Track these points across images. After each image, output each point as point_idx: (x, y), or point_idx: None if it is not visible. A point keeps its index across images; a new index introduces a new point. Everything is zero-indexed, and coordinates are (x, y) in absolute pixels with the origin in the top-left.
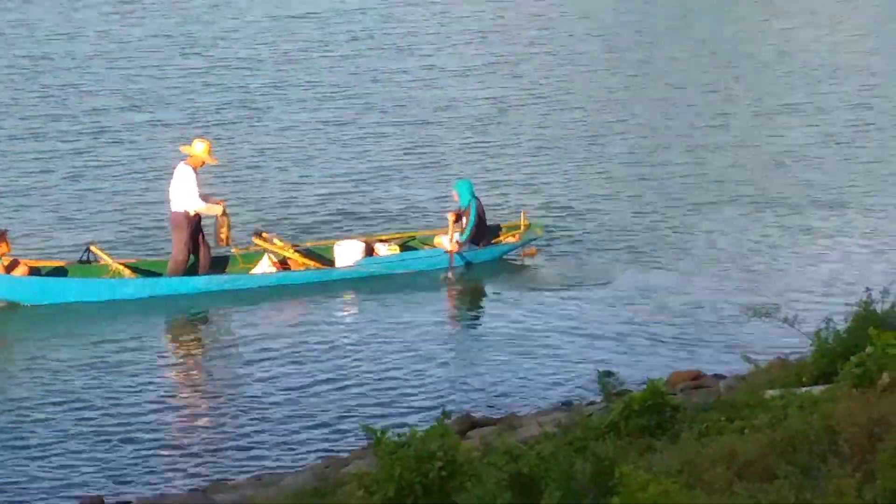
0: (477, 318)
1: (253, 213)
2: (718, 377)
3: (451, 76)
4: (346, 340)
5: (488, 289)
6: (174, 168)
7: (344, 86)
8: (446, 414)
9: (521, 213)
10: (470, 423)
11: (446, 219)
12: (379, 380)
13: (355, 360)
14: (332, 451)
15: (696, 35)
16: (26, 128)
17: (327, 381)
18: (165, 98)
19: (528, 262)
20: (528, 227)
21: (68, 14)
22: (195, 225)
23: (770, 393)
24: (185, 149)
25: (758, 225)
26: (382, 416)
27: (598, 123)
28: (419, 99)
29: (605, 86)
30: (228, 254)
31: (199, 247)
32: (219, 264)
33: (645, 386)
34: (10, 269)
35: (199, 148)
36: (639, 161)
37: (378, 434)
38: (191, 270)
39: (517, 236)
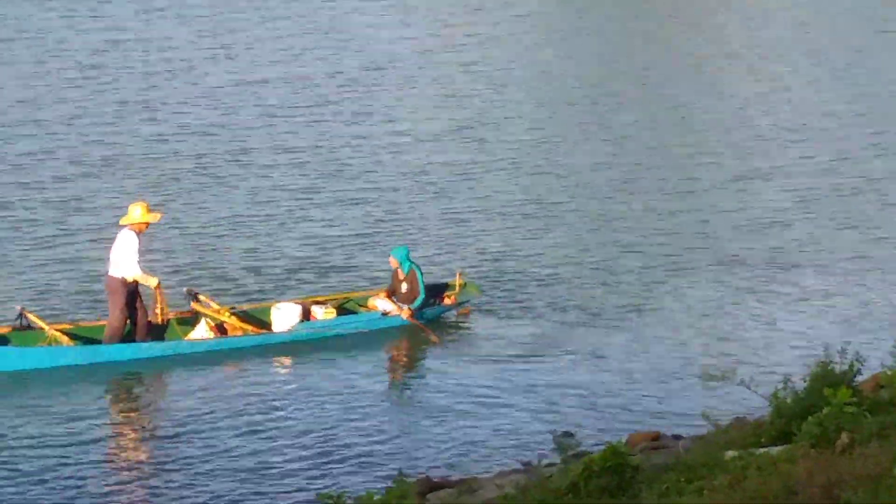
0: (423, 378)
1: (190, 272)
2: (677, 437)
3: (407, 142)
4: (290, 404)
5: (430, 350)
6: (117, 234)
7: (293, 149)
8: (402, 475)
9: (457, 274)
10: (429, 486)
11: (378, 281)
12: (329, 443)
13: (302, 422)
14: None
15: (660, 93)
16: None
17: (274, 445)
18: (112, 161)
19: (462, 321)
20: (464, 286)
21: (28, 81)
22: (132, 290)
23: (729, 454)
24: (124, 220)
25: (716, 285)
26: (336, 480)
27: (554, 185)
28: (364, 163)
29: (561, 147)
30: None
31: (136, 312)
32: (156, 329)
33: (604, 447)
34: None
35: (136, 213)
36: (597, 221)
37: (335, 499)
38: (128, 337)
39: (453, 298)
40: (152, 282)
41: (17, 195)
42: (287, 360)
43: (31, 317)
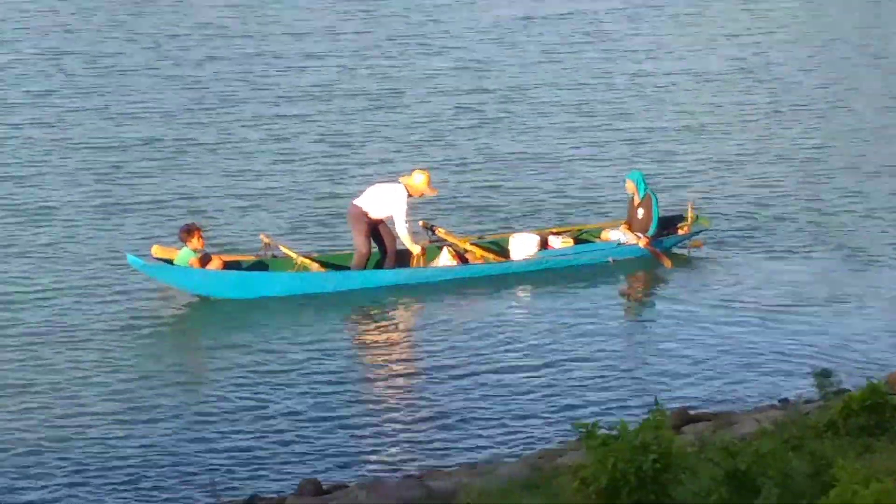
0: (665, 311)
1: (432, 205)
2: None
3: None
4: (539, 334)
5: (668, 282)
6: (380, 180)
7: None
8: (659, 405)
9: (688, 205)
10: (684, 418)
11: (607, 214)
12: (580, 373)
13: (554, 353)
14: (541, 442)
15: None
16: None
17: (529, 373)
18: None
19: (694, 253)
20: (696, 219)
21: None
22: (375, 221)
23: None
24: (403, 179)
25: None
26: (589, 409)
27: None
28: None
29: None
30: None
31: (383, 240)
32: (402, 258)
33: (863, 385)
34: (203, 263)
35: (418, 180)
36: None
37: (588, 427)
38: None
39: (686, 228)
40: (416, 248)
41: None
42: (528, 289)
43: (279, 246)
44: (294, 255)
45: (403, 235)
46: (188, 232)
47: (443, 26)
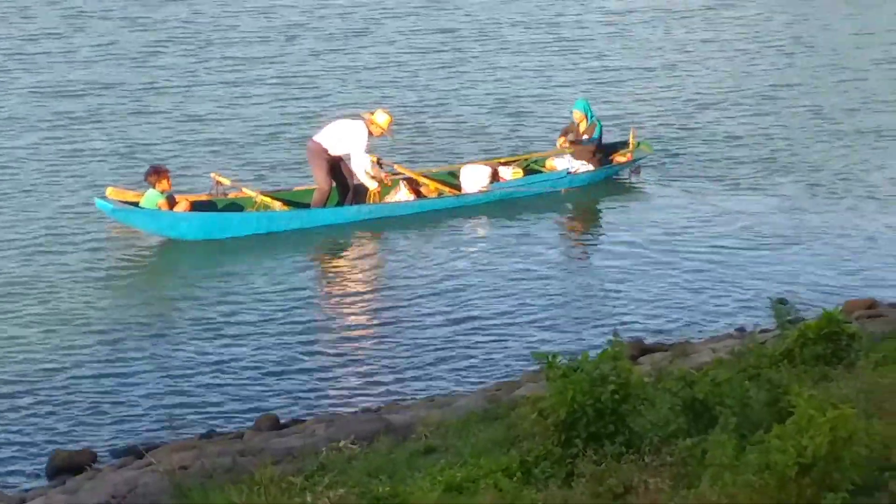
0: (621, 242)
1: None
2: (894, 306)
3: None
4: (495, 269)
5: (620, 214)
6: (340, 117)
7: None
8: (617, 336)
9: (630, 132)
10: (641, 349)
11: (554, 141)
12: (535, 306)
13: (509, 286)
14: (499, 374)
15: None
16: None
17: (485, 307)
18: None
19: (634, 180)
20: (637, 145)
21: None
22: (334, 158)
23: None
24: (366, 115)
25: None
26: (547, 340)
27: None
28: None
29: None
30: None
31: (343, 176)
32: (359, 193)
33: (819, 314)
34: (171, 205)
35: (381, 120)
36: (784, 79)
37: (549, 358)
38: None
39: (628, 156)
40: (372, 184)
41: (254, 71)
42: (481, 222)
43: (235, 184)
44: (253, 194)
45: (360, 172)
46: (156, 173)
47: None
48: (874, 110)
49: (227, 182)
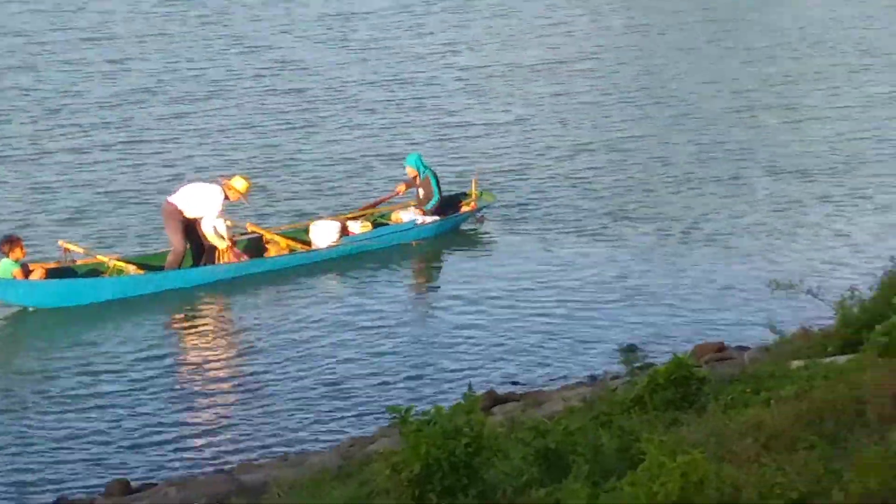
0: (472, 292)
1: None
2: (742, 349)
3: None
4: (346, 323)
5: (469, 263)
6: (196, 180)
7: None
8: (471, 390)
9: (473, 181)
10: (494, 400)
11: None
12: (394, 359)
13: (362, 341)
14: (355, 430)
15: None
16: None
17: (343, 362)
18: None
19: (480, 229)
20: (480, 195)
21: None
22: (189, 220)
23: (795, 364)
24: (225, 180)
25: (780, 196)
26: (403, 394)
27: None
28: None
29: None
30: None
31: (198, 237)
32: (211, 252)
33: (669, 359)
34: (25, 274)
35: (239, 185)
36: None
37: (403, 412)
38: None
39: (472, 205)
40: (222, 244)
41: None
42: (331, 277)
43: (84, 251)
44: (106, 259)
45: (210, 232)
46: (9, 242)
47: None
48: (723, 159)
49: (77, 249)
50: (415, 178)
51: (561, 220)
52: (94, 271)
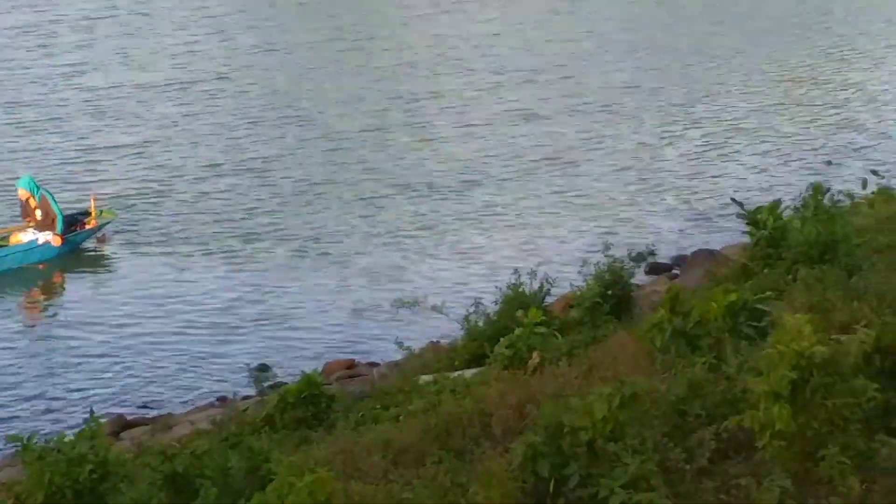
0: (99, 313)
1: None
2: (373, 365)
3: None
4: None
5: (91, 286)
6: None
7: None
8: (94, 415)
9: (91, 199)
10: (122, 424)
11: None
12: (11, 388)
13: None
14: None
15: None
16: None
17: None
18: None
19: (104, 250)
20: (100, 213)
21: None
22: None
23: (424, 378)
24: None
25: (406, 214)
26: (25, 424)
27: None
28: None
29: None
30: None
31: None
32: None
33: (299, 378)
34: None
35: None
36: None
37: (24, 440)
38: None
39: (93, 222)
40: None
41: None
42: None
43: None
44: None
45: None
46: None
47: None
48: (355, 179)
49: None
50: (27, 199)
51: (191, 241)
52: None
